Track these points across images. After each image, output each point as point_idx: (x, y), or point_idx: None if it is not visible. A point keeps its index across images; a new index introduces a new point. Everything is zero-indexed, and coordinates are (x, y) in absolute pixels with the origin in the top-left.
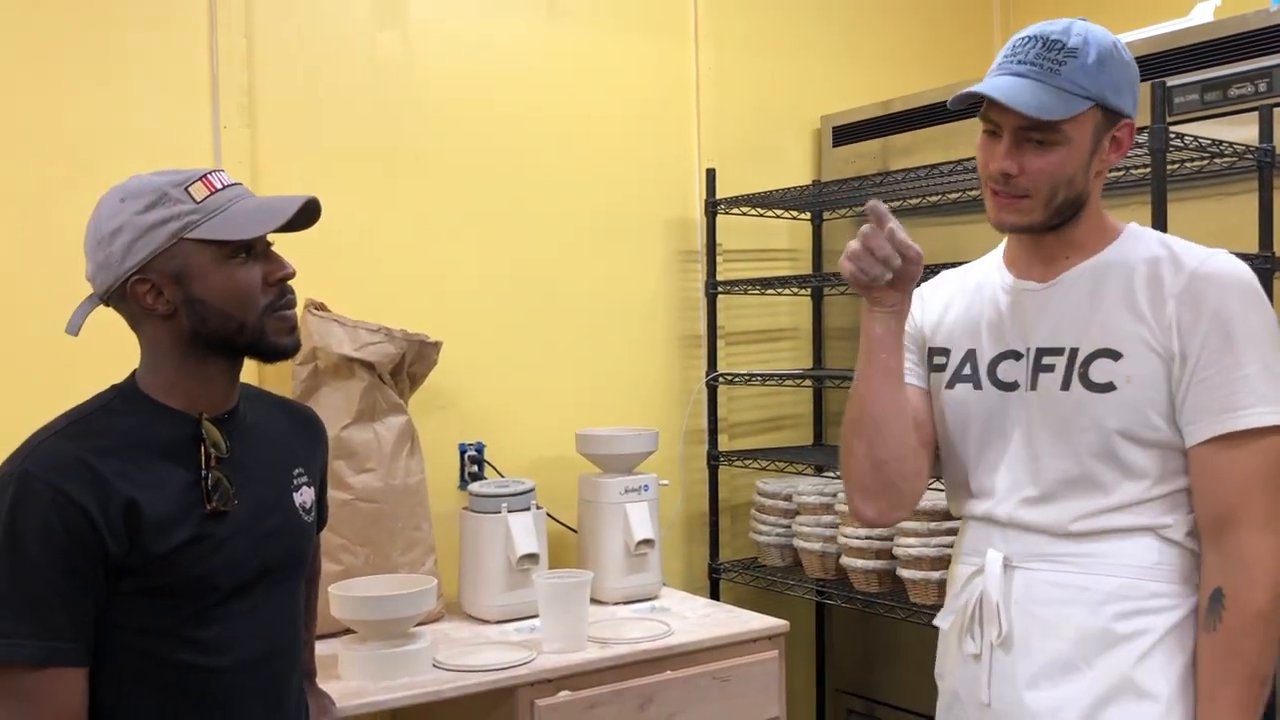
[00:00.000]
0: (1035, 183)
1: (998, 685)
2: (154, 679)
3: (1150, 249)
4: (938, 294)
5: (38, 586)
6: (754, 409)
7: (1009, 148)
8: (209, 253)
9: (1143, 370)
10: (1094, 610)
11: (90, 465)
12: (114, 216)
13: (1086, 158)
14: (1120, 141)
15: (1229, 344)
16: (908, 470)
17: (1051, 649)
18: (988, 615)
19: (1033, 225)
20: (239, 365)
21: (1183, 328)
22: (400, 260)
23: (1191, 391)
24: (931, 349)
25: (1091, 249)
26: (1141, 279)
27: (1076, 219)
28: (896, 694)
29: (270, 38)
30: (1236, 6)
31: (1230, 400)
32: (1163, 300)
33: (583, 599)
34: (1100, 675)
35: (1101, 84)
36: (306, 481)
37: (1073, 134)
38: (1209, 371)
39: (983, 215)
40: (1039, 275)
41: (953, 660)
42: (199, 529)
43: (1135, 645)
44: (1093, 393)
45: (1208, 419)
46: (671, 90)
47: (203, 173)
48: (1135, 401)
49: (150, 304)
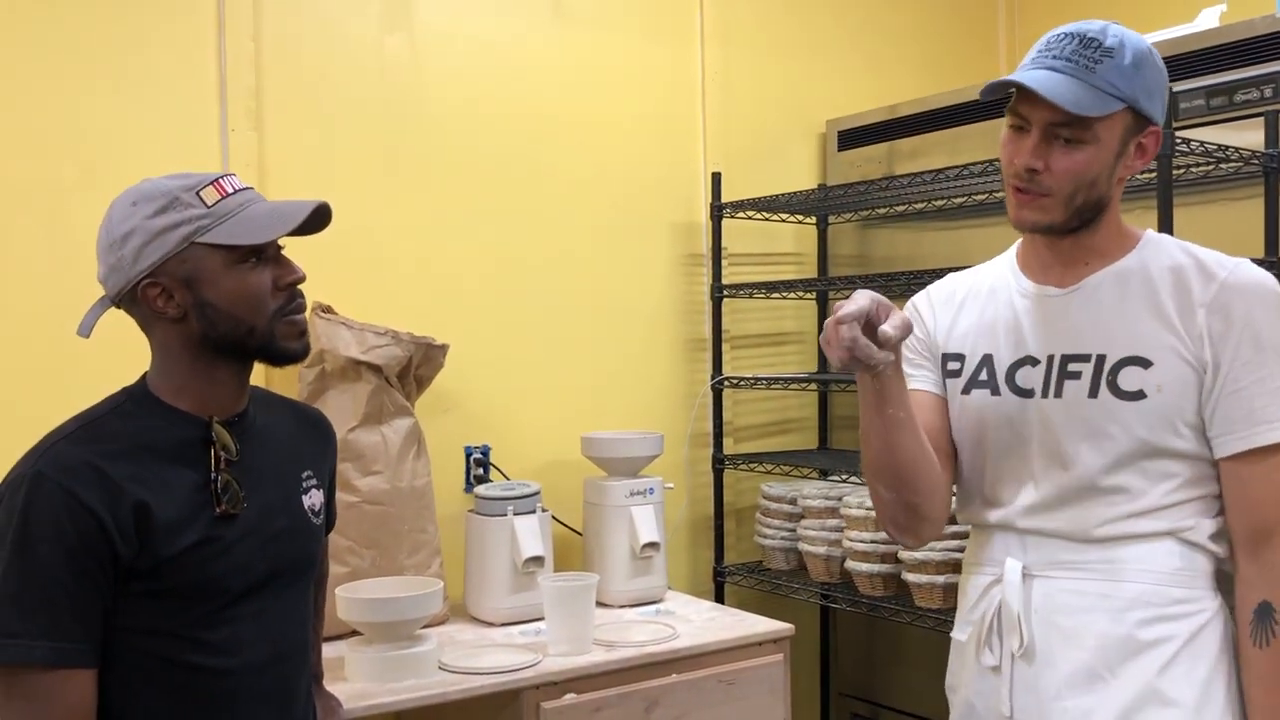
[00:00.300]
0: (1059, 181)
1: (1020, 697)
2: (162, 680)
3: (1174, 256)
4: (947, 298)
5: (48, 588)
6: (759, 412)
7: (1036, 143)
8: (219, 257)
9: (1172, 379)
10: (1116, 618)
11: (100, 469)
12: (126, 220)
13: (1112, 160)
14: (1146, 149)
15: (1260, 355)
16: (939, 501)
17: (1075, 659)
18: (1007, 626)
19: (1052, 225)
20: (249, 369)
21: (1214, 338)
22: (407, 263)
23: (1222, 403)
24: (945, 354)
25: (1111, 255)
26: (1168, 287)
27: (1095, 225)
28: (901, 698)
29: (278, 40)
30: (1243, 12)
31: (1263, 412)
32: (1192, 309)
33: (588, 602)
34: (1125, 684)
35: (1135, 86)
36: (315, 484)
37: (1102, 134)
38: (1241, 383)
39: (988, 220)
40: (1057, 280)
41: (970, 672)
42: (208, 531)
43: (1159, 652)
44: (1122, 400)
45: (1240, 431)
46: (677, 94)
47: (214, 177)
48: (1164, 410)
49: (161, 307)
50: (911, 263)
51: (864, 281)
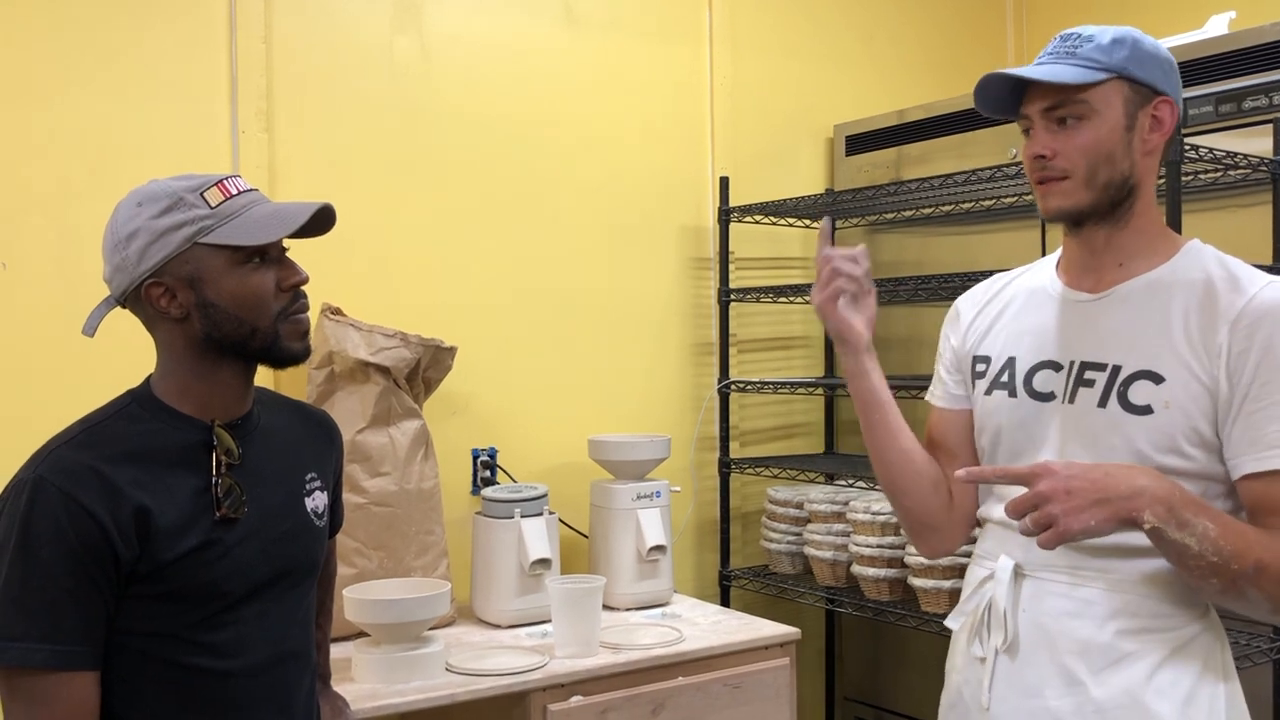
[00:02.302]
0: (1071, 161)
1: (999, 690)
2: (164, 682)
3: (1207, 269)
4: (989, 301)
5: (50, 591)
6: (766, 416)
7: (1039, 133)
8: (223, 257)
9: (1183, 397)
10: (1099, 625)
11: (102, 473)
12: (130, 220)
13: (1121, 133)
14: (1161, 120)
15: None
16: (935, 510)
17: (1056, 660)
18: (995, 621)
19: (1080, 207)
20: (252, 370)
21: (1233, 356)
22: (416, 265)
23: (1238, 424)
24: (975, 357)
25: (1147, 261)
26: (1196, 300)
27: (1128, 218)
28: (906, 702)
29: (289, 43)
30: (1251, 19)
31: (1277, 436)
32: (1214, 326)
33: (595, 604)
34: (1104, 691)
35: (1119, 58)
36: (320, 486)
37: (1100, 106)
38: (1258, 404)
39: (997, 225)
40: (1090, 286)
41: (961, 659)
42: (209, 535)
43: (1141, 664)
44: (1129, 413)
45: (1255, 453)
46: (686, 98)
47: (219, 178)
48: (1168, 427)
49: (164, 307)
50: (919, 268)
51: None
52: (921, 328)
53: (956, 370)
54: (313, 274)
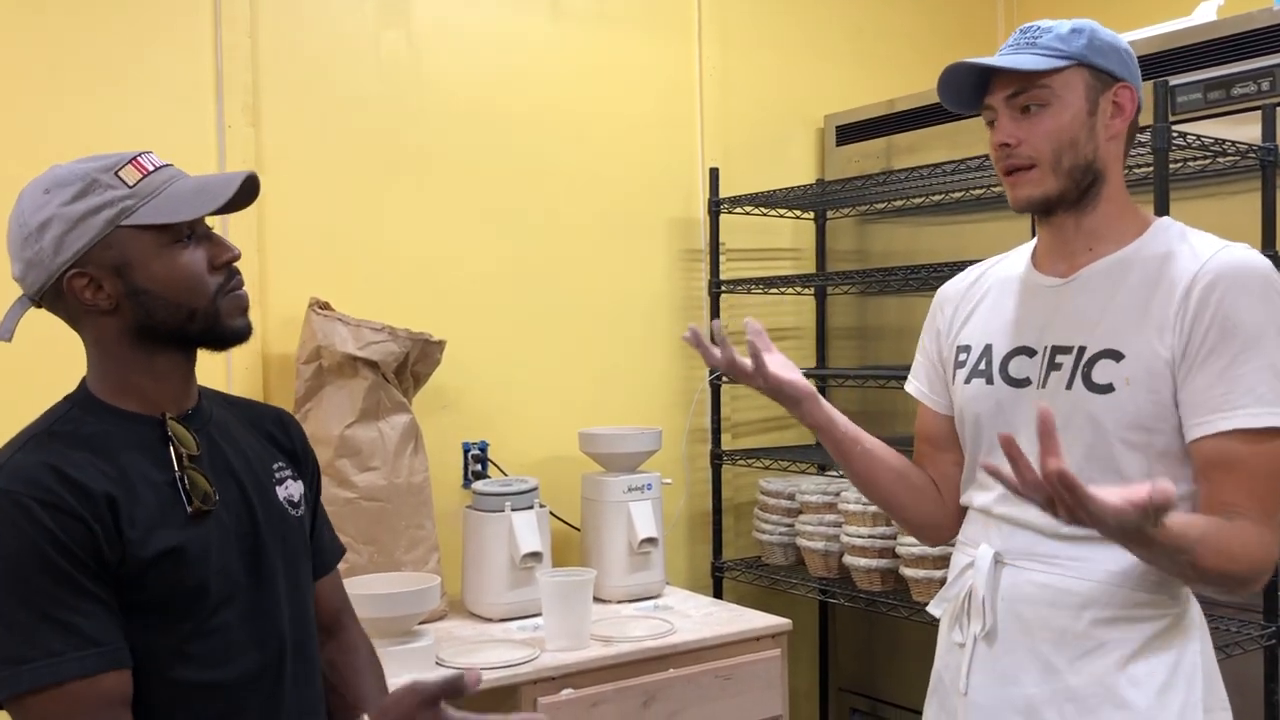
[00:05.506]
0: (1036, 149)
1: (977, 677)
2: (159, 702)
3: (1170, 243)
4: (967, 291)
5: (40, 604)
6: (757, 408)
7: (1003, 122)
8: (148, 239)
9: (1142, 372)
10: (1074, 614)
11: (62, 470)
12: (40, 209)
13: (1084, 118)
14: (1122, 106)
15: (1229, 341)
16: (950, 506)
17: (1032, 648)
18: (974, 608)
19: (1049, 196)
20: (192, 358)
21: (1186, 322)
22: (404, 259)
23: (1186, 388)
24: (957, 347)
25: (1115, 241)
26: (1156, 275)
27: (1095, 202)
28: (900, 692)
29: (275, 36)
30: (1240, 5)
31: (1225, 399)
32: (1172, 294)
33: (586, 597)
34: (1079, 679)
35: (1077, 46)
36: (291, 475)
37: (1061, 92)
38: (1207, 368)
39: (986, 214)
40: (1062, 271)
41: (943, 645)
42: (183, 532)
43: (1115, 653)
44: (1092, 393)
45: (1202, 416)
46: (675, 89)
47: (132, 155)
48: (1129, 405)
49: (90, 299)
50: (910, 257)
51: (862, 276)
52: (912, 317)
53: (938, 368)
54: (299, 268)
